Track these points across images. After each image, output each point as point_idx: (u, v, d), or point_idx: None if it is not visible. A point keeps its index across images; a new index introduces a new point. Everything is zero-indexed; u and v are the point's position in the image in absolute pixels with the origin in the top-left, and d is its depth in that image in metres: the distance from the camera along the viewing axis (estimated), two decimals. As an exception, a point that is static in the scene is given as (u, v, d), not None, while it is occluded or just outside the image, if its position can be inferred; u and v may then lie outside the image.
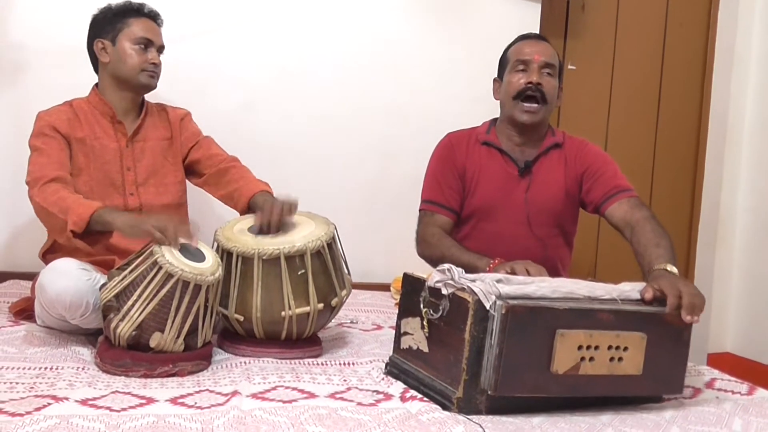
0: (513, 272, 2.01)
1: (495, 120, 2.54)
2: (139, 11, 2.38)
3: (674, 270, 1.98)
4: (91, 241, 2.04)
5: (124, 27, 2.33)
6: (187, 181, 2.50)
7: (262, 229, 2.12)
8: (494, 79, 2.53)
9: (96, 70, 2.40)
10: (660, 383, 1.79)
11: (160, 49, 2.40)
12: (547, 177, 2.44)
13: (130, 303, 1.84)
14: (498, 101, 2.51)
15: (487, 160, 2.47)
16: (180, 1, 2.92)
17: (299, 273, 2.03)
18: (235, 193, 2.38)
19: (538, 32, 3.21)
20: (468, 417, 1.63)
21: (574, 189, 2.45)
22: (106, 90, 2.37)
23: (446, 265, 1.77)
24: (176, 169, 2.44)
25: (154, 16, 2.41)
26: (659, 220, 2.23)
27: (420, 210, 2.49)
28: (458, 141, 2.50)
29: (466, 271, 1.78)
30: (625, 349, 1.71)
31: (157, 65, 2.36)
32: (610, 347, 1.70)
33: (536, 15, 3.35)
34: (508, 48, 2.50)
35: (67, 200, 2.06)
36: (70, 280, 1.95)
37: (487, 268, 2.16)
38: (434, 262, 2.36)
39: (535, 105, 2.37)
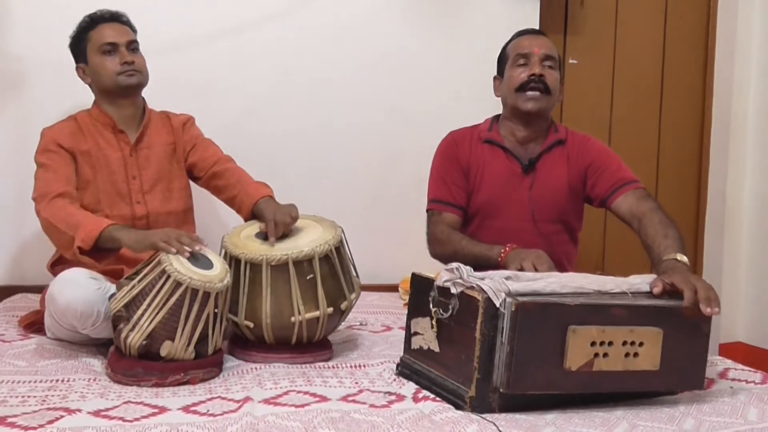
0: (522, 269, 2.00)
1: (497, 117, 2.54)
2: (95, 21, 2.36)
3: (684, 259, 1.97)
4: (98, 257, 2.04)
5: (87, 43, 2.34)
6: (192, 185, 2.50)
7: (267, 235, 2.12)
8: (494, 77, 2.53)
9: (92, 90, 2.41)
10: (679, 378, 1.77)
11: (130, 44, 2.35)
12: (551, 174, 2.44)
13: (139, 312, 1.84)
14: (499, 99, 2.51)
15: (490, 157, 2.46)
16: (180, 8, 2.92)
17: (308, 278, 2.02)
18: (236, 199, 2.38)
19: (537, 28, 3.21)
20: (481, 415, 1.62)
21: (578, 185, 2.45)
22: (102, 104, 2.37)
23: (454, 264, 1.77)
24: (181, 175, 2.45)
25: (113, 18, 2.38)
26: (666, 210, 2.22)
27: (427, 210, 2.48)
28: (461, 139, 2.50)
29: (480, 263, 1.77)
30: (641, 344, 1.70)
31: (131, 63, 2.32)
32: (624, 343, 1.68)
33: (535, 11, 3.34)
34: (507, 44, 2.50)
35: (75, 216, 2.07)
36: (80, 290, 1.96)
37: (500, 257, 2.16)
38: (447, 259, 2.34)
39: (538, 93, 2.36)
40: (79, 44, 2.37)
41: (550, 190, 2.43)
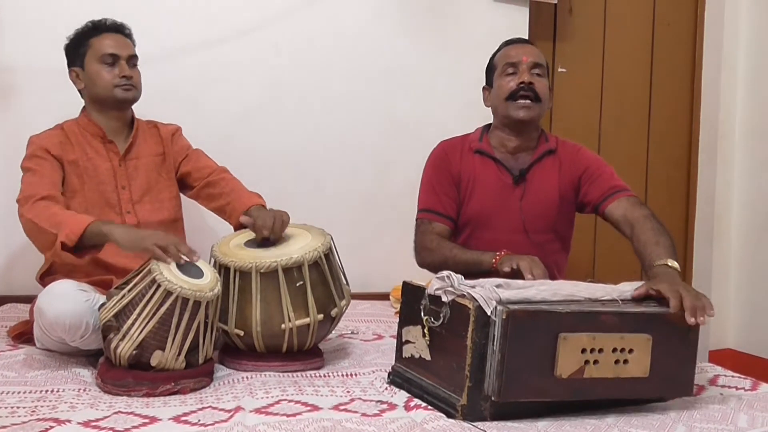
0: (518, 269, 2.01)
1: (487, 127, 2.54)
2: (99, 28, 2.34)
3: (675, 264, 1.98)
4: (80, 255, 2.02)
5: (88, 49, 2.32)
6: (181, 195, 2.49)
7: (257, 243, 2.12)
8: (483, 88, 2.53)
9: (82, 96, 2.40)
10: (668, 385, 1.78)
11: (130, 59, 2.34)
12: (542, 184, 2.44)
13: (129, 322, 1.83)
14: (489, 109, 2.51)
15: (481, 168, 2.46)
16: (172, 16, 2.92)
17: (297, 285, 2.02)
18: (227, 207, 2.37)
19: (527, 37, 3.22)
20: (473, 424, 1.62)
21: (569, 194, 2.45)
22: (92, 113, 2.36)
23: (445, 272, 1.77)
24: (170, 185, 2.44)
25: (116, 29, 2.36)
26: (658, 217, 2.24)
27: (417, 219, 2.48)
28: (452, 149, 2.50)
29: (471, 270, 1.77)
30: (630, 351, 1.70)
31: (129, 77, 2.32)
32: (614, 350, 1.69)
33: (524, 19, 3.36)
34: (494, 54, 2.50)
35: (59, 215, 2.05)
36: (68, 302, 1.94)
37: (493, 261, 2.16)
38: (436, 267, 2.32)
39: (529, 101, 2.36)
40: (77, 48, 2.34)
41: (541, 201, 2.43)
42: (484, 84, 2.53)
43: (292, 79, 3.09)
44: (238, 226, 2.31)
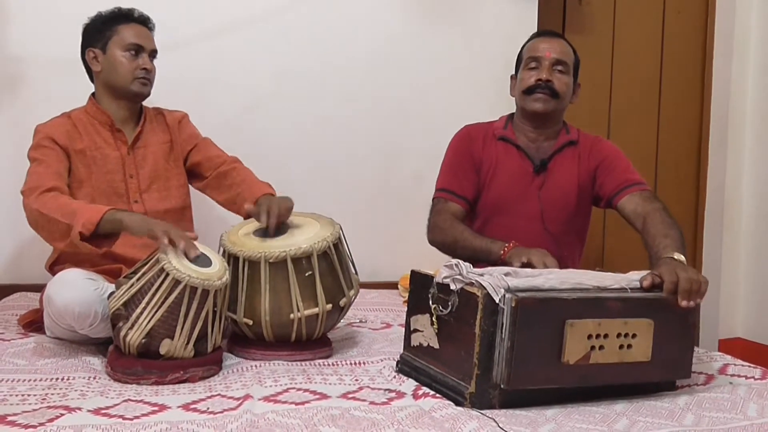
0: (530, 263, 2.03)
1: (511, 116, 2.55)
2: (128, 17, 2.35)
3: (681, 258, 1.97)
4: (97, 243, 2.02)
5: (114, 34, 2.31)
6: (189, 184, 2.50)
7: (266, 232, 2.12)
8: (511, 76, 2.54)
9: (92, 79, 2.40)
10: (668, 368, 1.80)
11: (152, 53, 2.37)
12: (562, 174, 2.45)
13: (138, 311, 1.84)
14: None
15: (504, 155, 2.48)
16: (179, 6, 2.92)
17: (306, 274, 2.02)
18: (237, 197, 2.37)
19: (536, 27, 3.21)
20: (481, 412, 1.62)
21: (587, 185, 2.46)
22: (102, 99, 2.36)
23: (454, 261, 1.77)
24: (179, 173, 2.44)
25: (144, 21, 2.37)
26: (668, 209, 2.23)
27: (434, 198, 2.49)
28: (476, 133, 2.52)
29: (480, 256, 1.76)
30: (634, 336, 1.71)
31: (149, 71, 2.33)
32: (619, 335, 1.70)
33: (534, 10, 3.34)
34: (524, 45, 2.52)
35: (71, 205, 2.05)
36: (77, 291, 1.95)
37: (502, 252, 2.17)
38: (446, 247, 2.38)
39: (545, 95, 2.38)
40: (102, 31, 2.33)
41: (561, 192, 2.44)
42: (513, 73, 2.54)
43: (299, 67, 3.09)
44: (248, 216, 2.32)
